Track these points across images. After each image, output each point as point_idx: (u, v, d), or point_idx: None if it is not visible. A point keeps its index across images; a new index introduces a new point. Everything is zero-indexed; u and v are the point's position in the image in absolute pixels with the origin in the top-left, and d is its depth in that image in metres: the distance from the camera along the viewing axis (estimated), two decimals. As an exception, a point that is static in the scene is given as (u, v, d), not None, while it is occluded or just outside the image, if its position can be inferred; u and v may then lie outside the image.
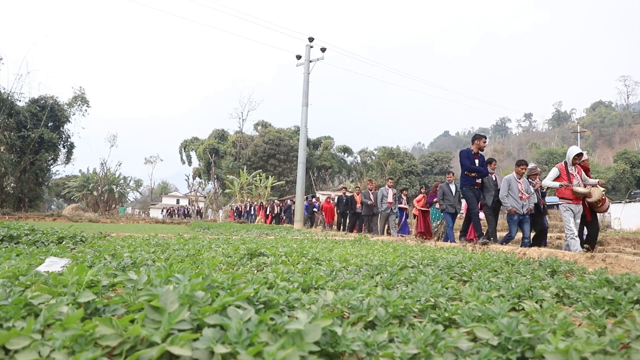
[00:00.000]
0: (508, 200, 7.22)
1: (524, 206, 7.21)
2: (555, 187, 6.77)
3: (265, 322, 1.13)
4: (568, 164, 6.83)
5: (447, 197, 9.28)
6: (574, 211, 6.68)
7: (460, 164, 7.47)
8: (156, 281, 1.58)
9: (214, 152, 56.28)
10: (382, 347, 1.20)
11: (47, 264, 2.41)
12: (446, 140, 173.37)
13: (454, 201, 9.21)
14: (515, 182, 7.28)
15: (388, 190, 11.57)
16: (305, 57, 18.24)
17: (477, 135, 7.66)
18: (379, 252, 4.34)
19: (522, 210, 7.19)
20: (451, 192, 9.36)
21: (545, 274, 3.02)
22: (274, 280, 2.13)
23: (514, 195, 7.21)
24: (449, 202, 9.23)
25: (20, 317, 1.24)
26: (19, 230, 4.85)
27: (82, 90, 33.90)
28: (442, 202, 9.31)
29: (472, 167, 7.30)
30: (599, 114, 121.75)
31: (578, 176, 6.77)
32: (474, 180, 7.31)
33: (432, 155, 66.60)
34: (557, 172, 6.88)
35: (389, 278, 2.51)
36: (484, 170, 7.38)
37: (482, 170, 7.35)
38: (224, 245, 4.74)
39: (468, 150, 7.50)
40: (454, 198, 9.25)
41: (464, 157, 7.40)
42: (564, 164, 6.90)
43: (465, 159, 7.38)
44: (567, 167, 6.82)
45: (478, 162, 7.39)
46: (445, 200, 9.28)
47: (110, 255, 3.34)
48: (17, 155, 29.46)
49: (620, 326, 1.54)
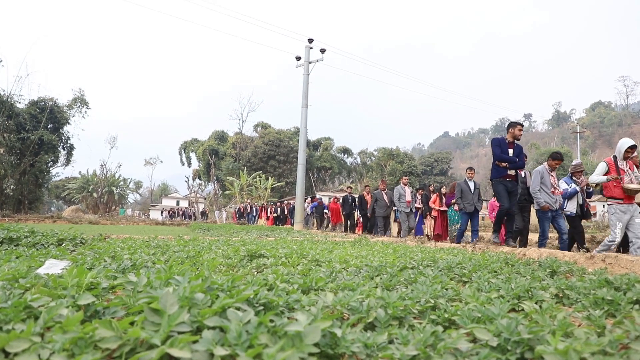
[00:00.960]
0: (541, 195, 6.67)
1: (556, 202, 6.73)
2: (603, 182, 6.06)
3: (265, 324, 1.13)
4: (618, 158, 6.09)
5: (465, 196, 8.70)
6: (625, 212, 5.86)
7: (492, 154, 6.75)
8: (156, 283, 1.58)
9: (214, 154, 56.31)
10: (382, 348, 1.20)
11: (46, 266, 2.41)
12: (446, 141, 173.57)
13: (472, 199, 8.63)
14: (547, 176, 6.77)
15: (405, 189, 11.05)
16: (304, 59, 18.26)
17: (512, 122, 6.82)
18: (378, 253, 4.34)
19: (554, 205, 6.69)
20: (470, 189, 8.76)
21: (545, 275, 3.02)
22: (274, 282, 2.13)
23: (547, 190, 6.68)
24: (467, 201, 8.65)
25: (20, 319, 1.24)
26: (18, 233, 4.84)
27: (81, 91, 33.95)
28: (460, 201, 8.75)
29: (504, 157, 6.51)
30: (599, 114, 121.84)
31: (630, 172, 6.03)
32: (505, 172, 6.54)
33: (431, 155, 66.65)
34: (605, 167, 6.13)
35: (389, 279, 2.51)
36: (517, 161, 6.55)
37: (515, 161, 6.52)
38: (224, 246, 4.74)
39: (501, 138, 6.73)
40: (473, 196, 8.68)
41: (496, 145, 6.65)
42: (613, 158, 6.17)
43: (497, 147, 6.61)
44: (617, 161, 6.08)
45: (513, 153, 6.60)
46: (463, 199, 8.71)
47: (110, 257, 3.34)
48: (17, 157, 29.46)
49: (620, 327, 1.54)
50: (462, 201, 8.69)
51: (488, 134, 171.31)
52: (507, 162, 6.52)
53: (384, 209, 11.62)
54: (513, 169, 6.57)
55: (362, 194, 13.34)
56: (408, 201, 10.91)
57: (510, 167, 6.53)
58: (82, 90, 34.00)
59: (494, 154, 6.63)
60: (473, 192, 8.74)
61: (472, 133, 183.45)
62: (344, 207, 14.43)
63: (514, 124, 6.75)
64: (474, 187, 8.82)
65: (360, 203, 13.29)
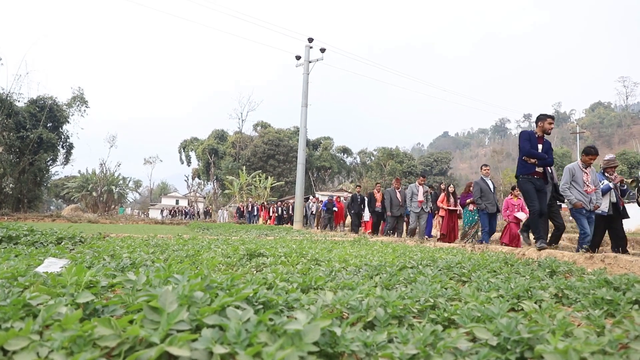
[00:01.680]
0: (571, 192, 6.14)
1: (591, 201, 6.11)
2: None
3: (264, 322, 1.13)
4: None
5: (486, 195, 8.11)
6: None
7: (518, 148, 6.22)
8: (155, 282, 1.58)
9: (214, 153, 56.31)
10: (381, 347, 1.20)
11: (46, 264, 2.40)
12: (445, 141, 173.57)
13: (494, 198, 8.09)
14: (580, 172, 6.22)
15: (418, 188, 10.40)
16: (304, 58, 18.26)
17: (542, 115, 6.19)
18: (378, 253, 4.34)
19: (589, 205, 6.09)
20: (489, 188, 8.18)
21: (545, 275, 3.03)
22: (273, 281, 2.13)
23: (579, 188, 6.15)
24: (488, 201, 8.05)
25: (19, 317, 1.24)
26: (17, 231, 4.84)
27: (80, 90, 33.91)
28: (480, 200, 8.15)
29: (533, 152, 5.97)
30: (598, 115, 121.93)
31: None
32: (533, 168, 5.98)
33: (431, 155, 66.68)
34: None
35: (388, 278, 2.51)
36: (547, 158, 6.03)
37: (544, 157, 6.00)
38: (224, 245, 4.74)
39: (530, 131, 6.15)
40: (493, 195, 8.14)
41: (524, 139, 6.07)
42: None
43: (525, 141, 6.04)
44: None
45: (542, 148, 6.06)
46: (483, 198, 8.11)
47: (109, 255, 3.34)
48: (16, 155, 29.43)
49: (619, 326, 1.54)
50: (483, 201, 8.10)
51: (488, 134, 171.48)
52: (537, 158, 5.96)
53: (397, 208, 11.04)
54: (542, 166, 6.04)
55: (372, 192, 12.80)
56: (420, 201, 10.34)
57: (539, 163, 5.99)
58: (81, 89, 34.01)
59: (523, 148, 6.06)
60: (493, 191, 8.20)
61: (471, 133, 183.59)
62: (352, 205, 13.79)
63: (544, 116, 6.12)
64: (492, 186, 8.27)
65: (369, 201, 12.74)
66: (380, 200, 12.05)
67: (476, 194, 8.32)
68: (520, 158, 6.11)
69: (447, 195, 10.51)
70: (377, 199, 12.31)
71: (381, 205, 11.95)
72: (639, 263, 3.83)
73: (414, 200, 10.38)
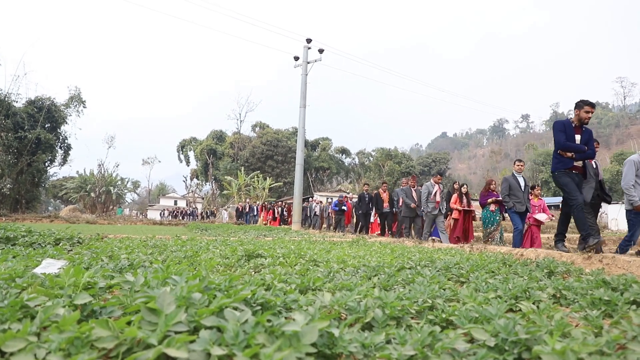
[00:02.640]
0: (635, 191, 5.46)
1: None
2: None
3: (262, 323, 1.13)
4: None
5: (515, 192, 7.39)
6: None
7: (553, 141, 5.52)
8: (153, 283, 1.58)
9: (212, 153, 56.30)
10: (380, 348, 1.20)
11: (43, 265, 2.40)
12: (444, 142, 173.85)
13: (524, 197, 7.39)
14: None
15: (435, 186, 9.47)
16: (302, 59, 18.26)
17: (580, 102, 5.40)
18: (376, 254, 4.34)
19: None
20: (519, 185, 7.45)
21: (543, 275, 3.03)
22: (272, 282, 2.13)
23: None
24: (517, 200, 7.33)
25: (17, 319, 1.24)
26: (15, 232, 4.83)
27: (77, 90, 33.83)
28: (508, 198, 7.44)
29: (570, 145, 5.28)
30: (596, 115, 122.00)
31: None
32: (571, 163, 5.31)
33: (429, 156, 66.76)
34: None
35: (387, 279, 2.51)
36: (587, 150, 5.31)
37: (583, 150, 5.28)
38: (222, 246, 4.73)
39: (566, 120, 5.45)
40: (524, 194, 7.44)
41: (559, 129, 5.37)
42: None
43: (560, 132, 5.34)
44: None
45: (580, 139, 5.36)
46: (512, 195, 7.40)
47: (108, 257, 3.33)
48: (14, 156, 29.38)
49: (617, 327, 1.54)
50: (512, 199, 7.40)
51: (486, 135, 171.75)
52: (574, 150, 5.28)
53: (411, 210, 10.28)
54: (581, 159, 5.34)
55: (377, 192, 12.15)
56: (437, 202, 9.39)
57: (577, 157, 5.30)
58: (78, 88, 33.93)
59: (558, 141, 5.37)
60: (524, 189, 7.48)
61: (470, 134, 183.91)
62: (360, 205, 12.96)
63: (582, 103, 5.38)
64: (524, 183, 7.54)
65: (376, 202, 12.05)
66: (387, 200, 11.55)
67: (504, 191, 7.56)
68: (555, 152, 5.46)
69: (460, 196, 9.85)
70: (383, 199, 11.71)
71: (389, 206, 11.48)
72: (636, 263, 3.84)
73: (430, 201, 9.41)
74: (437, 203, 9.38)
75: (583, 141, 5.35)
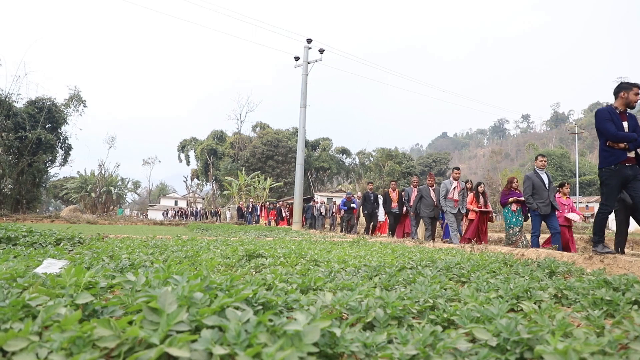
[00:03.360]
0: None
1: None
2: None
3: (264, 323, 1.13)
4: None
5: (539, 191, 6.74)
6: None
7: (597, 132, 4.85)
8: (154, 282, 1.58)
9: (212, 153, 56.34)
10: (381, 348, 1.20)
11: (45, 265, 2.40)
12: (444, 142, 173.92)
13: (548, 196, 6.71)
14: None
15: (453, 183, 8.76)
16: (303, 59, 18.25)
17: (624, 84, 4.86)
18: (377, 254, 4.34)
19: None
20: (544, 183, 6.79)
21: (544, 275, 3.03)
22: (273, 282, 2.13)
23: None
24: (541, 200, 6.68)
25: (18, 318, 1.24)
26: (16, 232, 4.83)
27: (77, 89, 33.78)
28: (532, 199, 6.76)
29: (621, 134, 4.67)
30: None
31: None
32: (623, 155, 4.67)
33: (430, 156, 66.76)
34: None
35: (388, 279, 2.51)
36: (638, 138, 4.71)
37: (635, 138, 4.69)
38: (223, 246, 4.73)
39: (609, 108, 4.84)
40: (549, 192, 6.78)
41: (604, 119, 4.75)
42: None
43: (607, 121, 4.72)
44: None
45: (628, 126, 4.74)
46: (536, 196, 6.75)
47: (109, 256, 3.33)
48: (15, 156, 29.39)
49: (619, 327, 1.54)
50: (536, 199, 6.73)
51: (486, 135, 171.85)
52: (627, 140, 4.69)
53: (430, 208, 9.44)
54: (634, 149, 4.75)
55: (387, 191, 11.56)
56: (456, 200, 8.69)
57: (630, 147, 4.71)
58: (77, 88, 33.87)
59: (606, 131, 4.71)
60: (548, 187, 6.80)
61: (470, 134, 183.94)
62: (365, 205, 12.29)
63: (628, 85, 4.82)
64: (547, 180, 6.85)
65: (384, 201, 11.44)
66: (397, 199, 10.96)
67: (527, 190, 6.84)
68: (602, 145, 4.81)
69: (477, 195, 9.16)
70: (392, 198, 11.09)
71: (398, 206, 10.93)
72: (638, 263, 3.83)
73: (448, 200, 8.75)
74: (456, 202, 8.68)
75: (631, 128, 4.76)
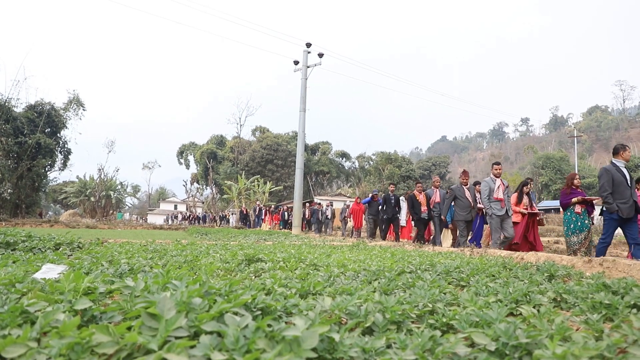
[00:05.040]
0: None
1: None
2: None
3: (263, 328, 1.13)
4: None
5: (620, 190, 5.50)
6: None
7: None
8: (153, 288, 1.58)
9: (212, 157, 56.37)
10: (380, 353, 1.20)
11: (43, 270, 2.39)
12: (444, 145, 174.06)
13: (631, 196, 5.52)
14: None
15: (496, 181, 7.65)
16: (302, 63, 18.28)
17: None
18: (377, 258, 4.33)
19: None
20: (625, 180, 5.58)
21: (543, 279, 3.02)
22: (272, 286, 2.13)
23: None
24: (622, 200, 5.47)
25: (17, 324, 1.24)
26: (15, 237, 4.82)
27: (75, 92, 33.76)
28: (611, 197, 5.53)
29: None
30: (596, 119, 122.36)
31: None
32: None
33: (429, 160, 66.73)
34: None
35: (387, 283, 2.51)
36: None
37: None
38: (222, 251, 4.73)
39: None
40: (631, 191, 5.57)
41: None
42: None
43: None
44: None
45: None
46: (615, 195, 5.54)
47: (108, 261, 3.33)
48: (14, 161, 29.38)
49: (618, 331, 1.54)
50: (616, 199, 5.53)
51: (486, 138, 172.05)
52: None
53: (467, 210, 8.38)
54: None
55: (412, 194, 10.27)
56: (502, 200, 7.52)
57: None
58: (75, 91, 33.84)
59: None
60: (630, 185, 5.61)
61: (469, 137, 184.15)
62: (385, 210, 11.22)
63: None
64: (629, 176, 5.66)
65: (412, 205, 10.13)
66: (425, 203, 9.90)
67: (605, 187, 5.57)
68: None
69: (520, 195, 8.05)
70: (421, 202, 9.92)
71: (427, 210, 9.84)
72: (637, 267, 3.83)
73: (492, 201, 7.59)
74: (502, 201, 7.52)
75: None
